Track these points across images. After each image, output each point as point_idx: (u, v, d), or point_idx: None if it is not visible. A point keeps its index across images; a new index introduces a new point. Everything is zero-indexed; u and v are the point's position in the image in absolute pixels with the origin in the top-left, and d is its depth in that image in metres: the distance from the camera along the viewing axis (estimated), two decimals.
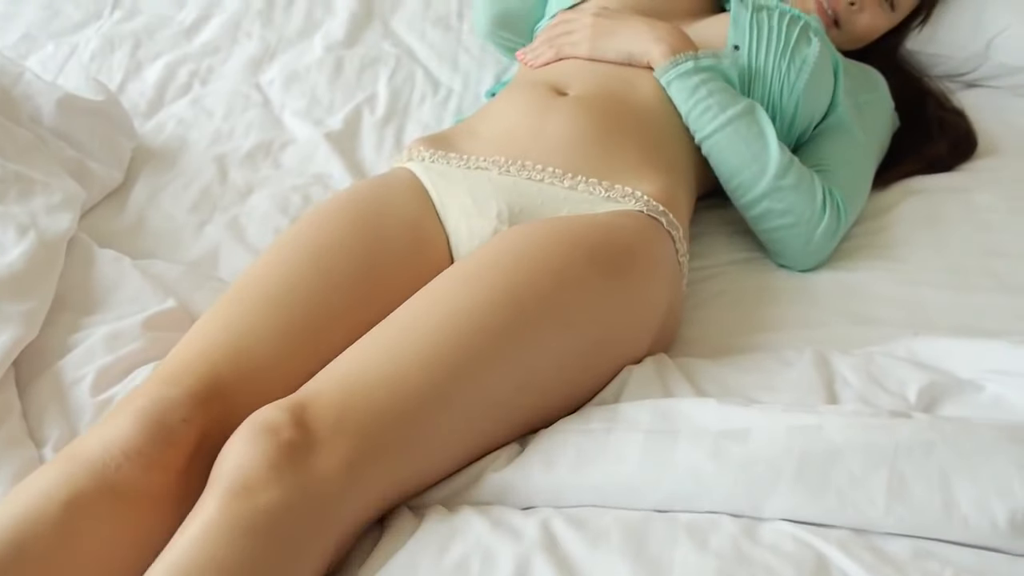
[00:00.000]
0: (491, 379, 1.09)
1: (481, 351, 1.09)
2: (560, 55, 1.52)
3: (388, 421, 1.03)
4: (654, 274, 1.27)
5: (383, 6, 2.06)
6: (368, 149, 1.72)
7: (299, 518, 0.95)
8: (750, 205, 1.45)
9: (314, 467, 0.97)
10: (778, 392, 1.16)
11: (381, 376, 1.06)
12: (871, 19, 1.65)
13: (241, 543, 0.92)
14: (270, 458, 0.97)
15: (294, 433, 0.98)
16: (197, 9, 2.03)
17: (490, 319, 1.11)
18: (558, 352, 1.15)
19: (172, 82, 1.86)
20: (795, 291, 1.43)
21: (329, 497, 0.97)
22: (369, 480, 1.01)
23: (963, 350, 1.20)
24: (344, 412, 1.02)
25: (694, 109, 1.43)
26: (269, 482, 0.95)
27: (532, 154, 1.35)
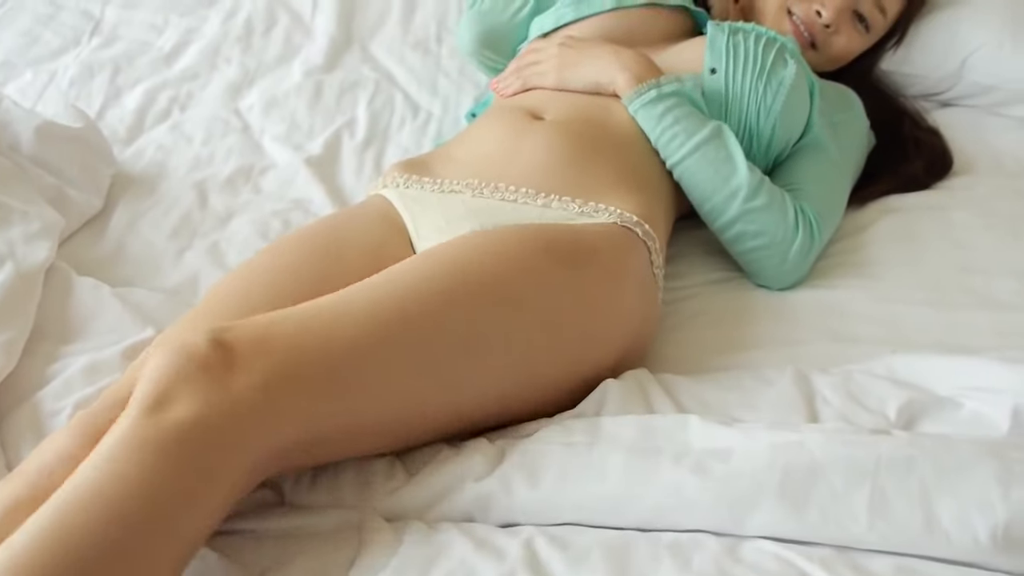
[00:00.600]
0: (424, 336, 1.08)
1: (416, 308, 1.09)
2: (527, 86, 1.53)
3: (311, 352, 1.02)
4: (621, 276, 1.27)
5: (362, 30, 2.07)
6: (348, 173, 1.72)
7: (211, 436, 0.94)
8: (724, 228, 1.46)
9: (229, 384, 0.96)
10: (759, 411, 1.16)
11: (311, 316, 1.06)
12: (847, 41, 1.66)
13: (151, 460, 0.92)
14: (183, 373, 0.96)
15: (210, 351, 0.97)
16: (176, 35, 2.04)
17: (429, 282, 1.12)
18: (502, 327, 1.14)
19: (151, 108, 1.86)
20: (774, 310, 1.43)
21: (243, 417, 0.96)
22: (286, 406, 0.99)
23: (941, 367, 1.21)
24: (267, 338, 1.01)
25: (662, 136, 1.44)
26: (181, 397, 0.94)
27: (507, 176, 1.36)
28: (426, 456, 1.12)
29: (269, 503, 1.10)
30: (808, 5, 1.63)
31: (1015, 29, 1.73)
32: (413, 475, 1.09)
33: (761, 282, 1.47)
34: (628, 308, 1.27)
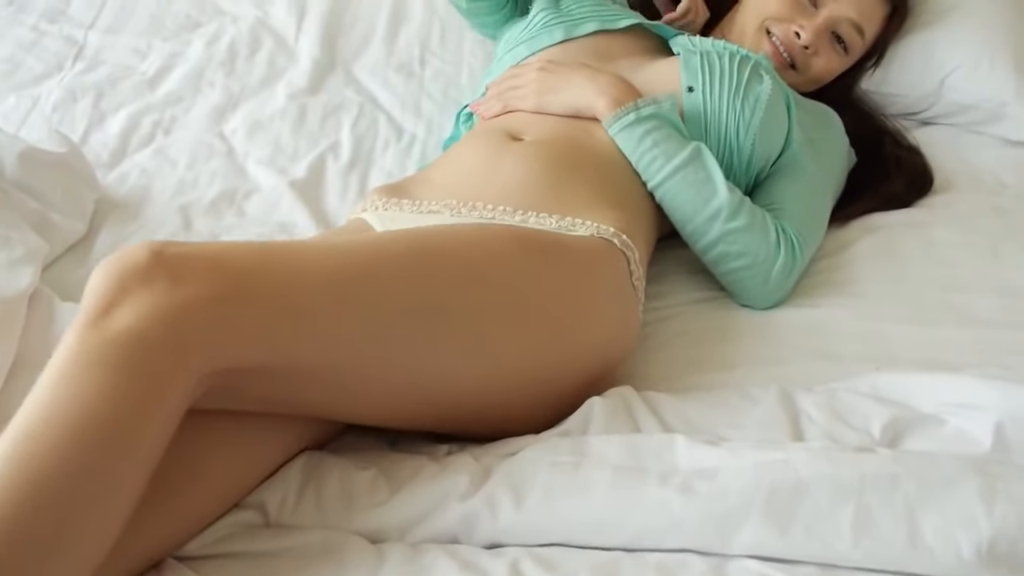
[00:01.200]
0: (381, 292, 1.07)
1: (375, 262, 1.09)
2: (508, 108, 1.54)
3: (265, 276, 1.01)
4: (594, 276, 1.27)
5: (345, 53, 2.08)
6: (332, 197, 1.72)
7: (156, 342, 0.93)
8: (705, 249, 1.46)
9: (176, 292, 0.95)
10: (744, 429, 1.16)
11: (268, 248, 1.06)
12: (826, 62, 1.68)
13: (97, 373, 0.91)
14: (124, 285, 0.95)
15: (154, 261, 0.96)
16: (160, 59, 2.04)
17: (393, 245, 1.13)
18: (464, 301, 1.13)
19: (135, 132, 1.86)
20: (758, 328, 1.44)
21: (191, 323, 0.95)
22: (237, 320, 0.98)
23: (925, 384, 1.22)
24: (221, 256, 1.00)
25: (642, 159, 1.45)
26: (124, 305, 0.94)
27: (485, 195, 1.37)
28: (409, 472, 1.11)
29: (253, 524, 1.10)
30: (787, 26, 1.64)
31: (991, 49, 1.75)
32: (396, 491, 1.09)
33: (744, 302, 1.48)
34: (604, 313, 1.27)
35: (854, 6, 1.65)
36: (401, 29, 2.14)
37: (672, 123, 1.47)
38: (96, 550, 0.92)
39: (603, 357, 1.28)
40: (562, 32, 1.65)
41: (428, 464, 1.12)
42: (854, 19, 1.65)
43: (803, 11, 1.64)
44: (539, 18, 1.69)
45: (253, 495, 1.11)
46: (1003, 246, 1.57)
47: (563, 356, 1.22)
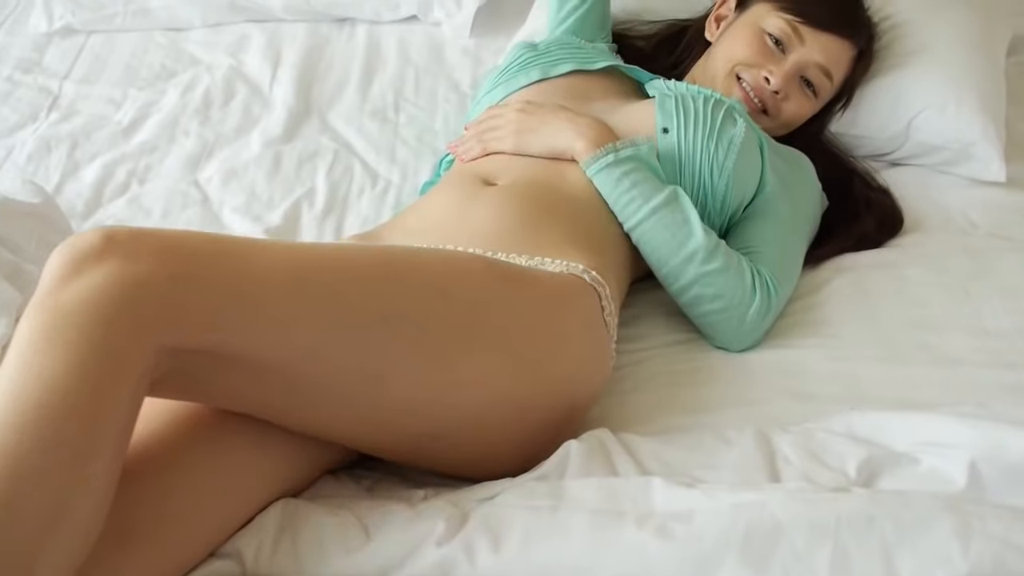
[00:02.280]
0: (337, 289, 1.07)
1: (334, 262, 1.09)
2: (487, 150, 1.55)
3: (220, 261, 1.01)
4: (563, 307, 1.28)
5: (320, 101, 2.09)
6: None
7: (109, 316, 0.94)
8: (681, 291, 1.47)
9: (128, 268, 0.95)
10: (721, 471, 1.17)
11: (224, 237, 1.06)
12: (796, 106, 1.70)
13: (54, 349, 0.92)
14: (77, 265, 0.95)
15: (107, 243, 0.97)
16: (134, 109, 2.04)
17: (355, 251, 1.13)
18: (423, 309, 1.12)
19: (110, 182, 1.86)
20: (733, 370, 1.45)
21: (143, 299, 0.95)
22: (191, 299, 0.98)
23: (899, 423, 1.23)
24: (175, 239, 1.00)
25: (619, 200, 1.46)
26: (76, 283, 0.94)
27: (456, 239, 1.37)
28: (386, 518, 1.11)
29: (230, 573, 1.09)
30: (757, 72, 1.66)
31: (957, 91, 1.78)
32: (373, 538, 1.08)
33: (719, 344, 1.49)
34: (572, 345, 1.27)
35: (821, 50, 1.67)
36: (375, 76, 2.15)
37: (650, 166, 1.48)
38: (76, 533, 0.92)
39: (573, 391, 1.27)
40: (538, 72, 1.67)
41: (404, 510, 1.12)
42: (822, 63, 1.68)
43: (772, 57, 1.67)
44: (516, 59, 1.72)
45: (229, 543, 1.10)
46: (974, 285, 1.59)
47: (529, 386, 1.21)
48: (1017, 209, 1.74)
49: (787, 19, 1.66)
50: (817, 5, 1.68)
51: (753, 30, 1.68)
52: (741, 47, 1.68)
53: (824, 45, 1.68)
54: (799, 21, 1.66)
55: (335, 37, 2.26)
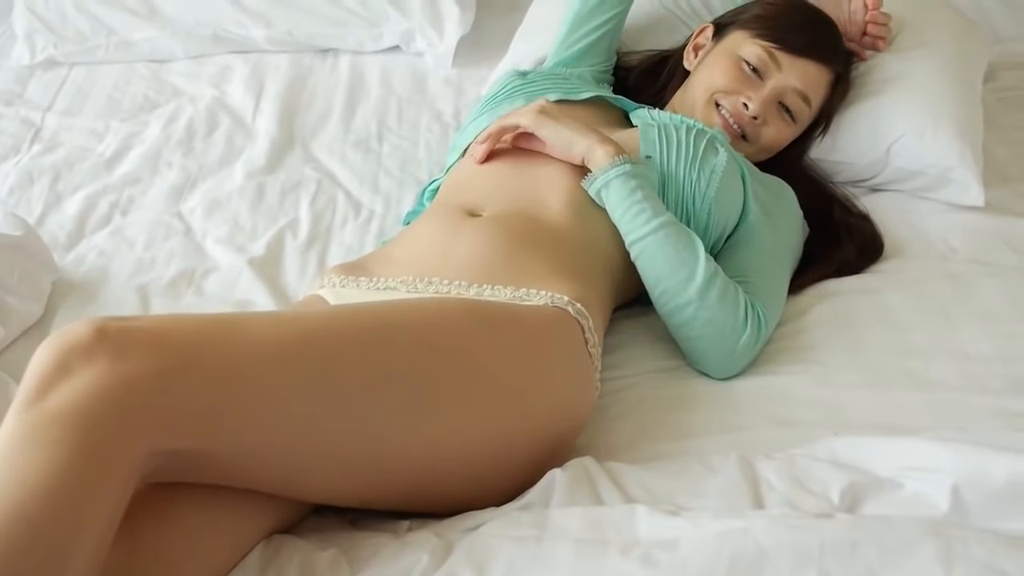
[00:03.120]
0: (327, 361, 1.07)
1: (321, 332, 1.09)
2: (502, 125, 1.55)
3: (210, 348, 1.00)
4: (546, 345, 1.28)
5: (303, 131, 2.09)
6: (291, 274, 1.73)
7: (98, 420, 0.92)
8: (674, 312, 1.47)
9: (117, 368, 0.94)
10: (705, 498, 1.17)
11: (213, 319, 1.06)
12: (775, 132, 1.71)
13: (40, 452, 0.91)
14: (66, 361, 0.94)
15: (97, 337, 0.96)
16: (117, 141, 2.04)
17: (346, 317, 1.13)
18: (413, 367, 1.13)
19: (92, 213, 1.86)
20: (717, 397, 1.45)
21: (134, 399, 0.94)
22: (181, 395, 0.97)
23: (882, 449, 1.23)
24: (165, 330, 0.99)
25: (628, 211, 1.46)
26: (63, 384, 0.93)
27: (441, 271, 1.38)
28: (371, 551, 1.10)
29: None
30: (735, 98, 1.68)
31: (935, 117, 1.79)
32: (358, 571, 1.08)
33: (703, 369, 1.49)
34: (557, 379, 1.28)
35: (798, 76, 1.69)
36: (358, 106, 2.16)
37: (655, 186, 1.50)
38: None
39: (559, 423, 1.28)
40: (523, 100, 1.68)
41: (389, 542, 1.12)
42: (799, 88, 1.69)
43: (750, 83, 1.68)
44: (504, 87, 1.74)
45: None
46: (954, 310, 1.59)
47: (518, 423, 1.22)
48: (996, 234, 1.75)
49: (763, 46, 1.68)
50: (793, 31, 1.70)
51: (731, 58, 1.70)
52: (719, 75, 1.69)
53: (801, 70, 1.69)
54: (775, 47, 1.68)
55: (318, 68, 2.27)
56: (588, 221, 1.50)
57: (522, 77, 1.75)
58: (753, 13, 1.76)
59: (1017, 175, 1.90)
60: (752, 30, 1.71)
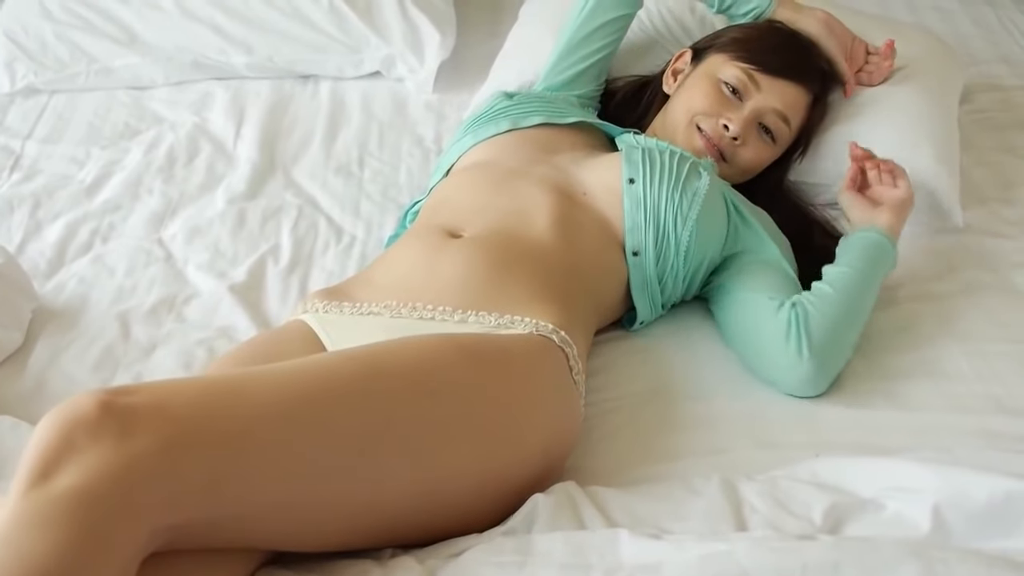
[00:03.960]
0: (329, 417, 1.08)
1: (322, 388, 1.09)
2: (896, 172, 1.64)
3: (212, 415, 1.00)
4: (535, 378, 1.29)
5: (284, 157, 2.09)
6: (273, 300, 1.73)
7: (103, 503, 0.92)
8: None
9: (123, 448, 0.94)
10: (688, 520, 1.17)
11: (214, 382, 1.05)
12: (755, 153, 1.72)
13: (42, 534, 0.90)
14: (70, 439, 0.93)
15: (101, 413, 0.95)
16: (97, 168, 2.04)
17: (345, 367, 1.13)
18: (414, 415, 1.14)
19: (73, 241, 1.85)
20: (698, 419, 1.45)
21: (139, 482, 0.94)
22: (186, 471, 0.97)
23: (863, 469, 1.24)
24: (167, 400, 0.99)
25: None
26: (69, 464, 0.92)
27: (424, 296, 1.39)
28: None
29: None
30: (715, 120, 1.69)
31: (913, 139, 1.81)
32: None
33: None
34: (546, 412, 1.29)
35: (778, 96, 1.70)
36: (339, 132, 2.16)
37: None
38: None
39: (548, 454, 1.29)
40: (508, 123, 1.69)
41: (372, 568, 1.11)
42: (779, 109, 1.71)
43: (729, 105, 1.69)
44: (490, 108, 1.75)
45: None
46: (934, 330, 1.61)
47: (510, 458, 1.23)
48: (974, 255, 1.77)
49: (743, 68, 1.70)
50: (771, 53, 1.72)
51: (710, 80, 1.71)
52: (699, 98, 1.70)
53: (780, 91, 1.71)
54: (754, 69, 1.69)
55: (299, 93, 2.27)
56: (570, 241, 1.51)
57: (508, 99, 1.76)
58: (730, 36, 1.78)
59: (994, 196, 1.92)
60: (730, 53, 1.73)
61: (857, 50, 1.83)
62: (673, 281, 1.57)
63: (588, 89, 1.86)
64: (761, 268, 1.59)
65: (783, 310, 1.50)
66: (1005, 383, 1.51)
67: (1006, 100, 2.21)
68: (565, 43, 1.86)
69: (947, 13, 2.53)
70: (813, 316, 1.49)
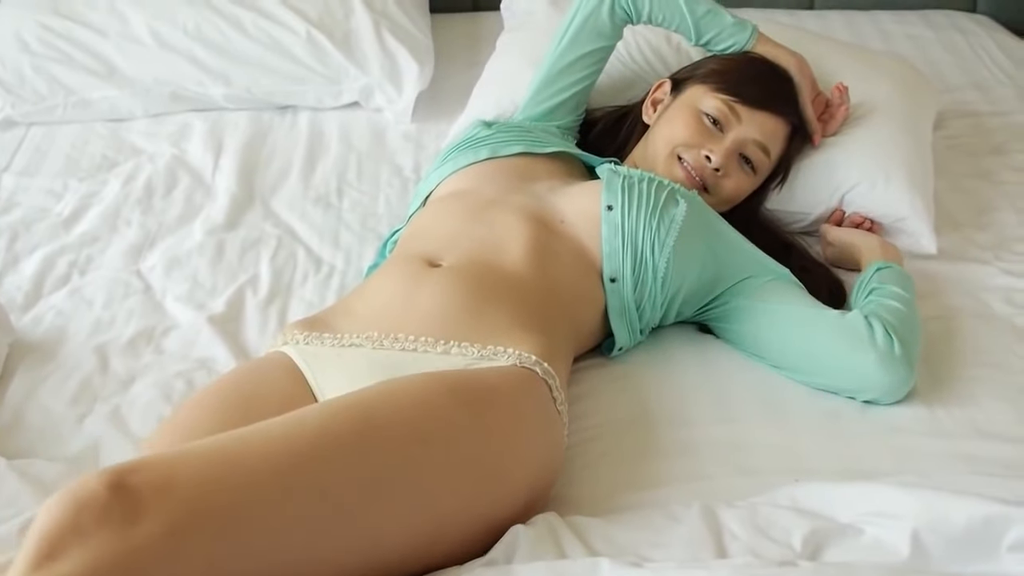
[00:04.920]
0: (326, 477, 1.08)
1: (325, 447, 1.09)
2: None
3: (216, 491, 1.00)
4: (523, 415, 1.30)
5: (263, 188, 2.09)
6: (252, 331, 1.72)
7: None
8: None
9: (130, 532, 0.93)
10: (668, 548, 1.17)
11: (215, 451, 1.05)
12: (736, 183, 1.74)
13: None
14: (77, 522, 0.93)
15: (110, 496, 0.94)
16: (75, 200, 2.03)
17: (339, 422, 1.13)
18: (410, 466, 1.14)
19: (50, 273, 1.84)
20: (679, 446, 1.45)
21: (145, 566, 0.93)
22: (191, 551, 0.97)
23: (842, 495, 1.24)
24: (172, 479, 0.99)
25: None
26: (73, 548, 0.92)
27: (406, 326, 1.39)
28: None
29: None
30: (697, 151, 1.70)
31: (887, 167, 1.83)
32: None
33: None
34: (532, 447, 1.29)
35: (758, 128, 1.72)
36: (318, 162, 2.17)
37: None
38: None
39: (533, 488, 1.29)
40: (488, 151, 1.70)
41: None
42: (759, 140, 1.72)
43: (711, 136, 1.71)
44: (469, 137, 1.76)
45: None
46: None
47: (498, 496, 1.24)
48: (948, 279, 1.78)
49: (723, 99, 1.71)
50: (751, 85, 1.73)
51: (691, 111, 1.72)
52: (680, 128, 1.72)
53: (760, 122, 1.72)
54: (735, 100, 1.71)
55: (277, 124, 2.28)
56: (548, 268, 1.52)
57: (488, 128, 1.77)
58: (710, 67, 1.79)
59: (968, 221, 1.94)
60: (711, 84, 1.74)
61: (819, 101, 1.85)
62: (651, 307, 1.57)
63: (567, 119, 1.87)
64: (788, 286, 1.62)
65: (853, 316, 1.54)
66: (983, 407, 1.52)
67: (979, 126, 2.23)
68: (544, 74, 1.87)
69: (919, 41, 2.56)
70: (888, 320, 1.53)
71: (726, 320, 1.63)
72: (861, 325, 1.52)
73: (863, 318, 1.53)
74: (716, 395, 1.55)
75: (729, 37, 1.81)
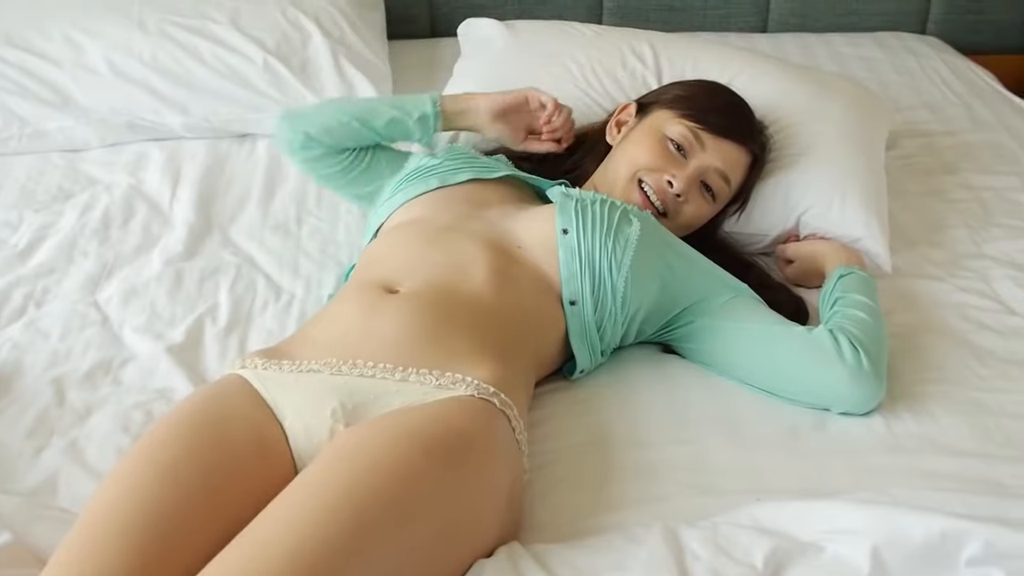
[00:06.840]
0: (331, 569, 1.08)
1: (326, 564, 1.09)
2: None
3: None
4: (493, 457, 1.30)
5: (222, 216, 2.08)
6: (211, 360, 1.71)
7: None
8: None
9: None
10: (630, 571, 1.17)
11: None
12: (695, 209, 1.75)
13: None
14: None
15: None
16: (31, 232, 2.01)
17: (332, 531, 1.12)
18: (403, 547, 1.15)
19: (6, 306, 1.82)
20: (638, 468, 1.45)
21: None
22: None
23: (802, 512, 1.25)
24: None
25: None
26: None
27: (364, 353, 1.38)
28: None
29: None
30: (659, 175, 1.71)
31: (841, 189, 1.85)
32: None
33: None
34: (501, 484, 1.30)
35: (720, 156, 1.74)
36: (277, 190, 2.16)
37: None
38: None
39: (504, 528, 1.30)
40: (437, 180, 1.70)
41: None
42: (720, 168, 1.74)
43: (674, 161, 1.72)
44: (416, 168, 1.75)
45: None
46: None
47: (474, 544, 1.25)
48: (905, 297, 1.81)
49: (688, 126, 1.73)
50: (715, 113, 1.75)
51: (655, 136, 1.74)
52: (644, 152, 1.73)
53: (723, 151, 1.74)
54: (700, 128, 1.73)
55: (235, 153, 2.27)
56: (506, 294, 1.52)
57: (432, 159, 1.77)
58: (675, 94, 1.81)
59: (921, 239, 1.97)
60: (676, 110, 1.76)
61: None
62: (612, 327, 1.58)
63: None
64: (751, 303, 1.64)
65: (819, 333, 1.56)
66: (939, 423, 1.53)
67: (930, 145, 2.27)
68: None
69: (871, 62, 2.60)
70: (854, 333, 1.55)
71: (691, 340, 1.64)
72: (827, 341, 1.53)
73: (828, 333, 1.54)
74: (676, 415, 1.56)
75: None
